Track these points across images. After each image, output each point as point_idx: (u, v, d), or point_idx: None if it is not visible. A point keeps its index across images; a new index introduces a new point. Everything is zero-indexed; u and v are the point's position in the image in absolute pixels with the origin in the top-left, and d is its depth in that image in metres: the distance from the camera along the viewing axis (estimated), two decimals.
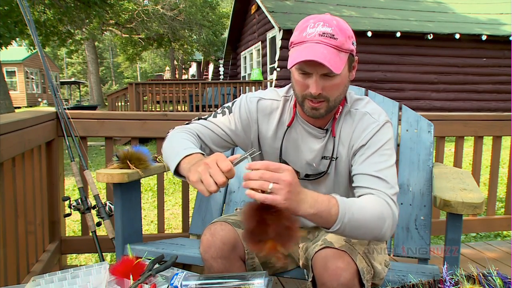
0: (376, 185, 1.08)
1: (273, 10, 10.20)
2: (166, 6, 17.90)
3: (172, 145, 1.13)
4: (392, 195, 1.07)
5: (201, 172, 0.92)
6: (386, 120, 1.17)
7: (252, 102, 1.25)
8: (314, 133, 1.21)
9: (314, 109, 1.11)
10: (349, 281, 1.03)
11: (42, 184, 1.99)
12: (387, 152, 1.13)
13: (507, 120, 2.48)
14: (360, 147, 1.15)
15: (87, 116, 2.19)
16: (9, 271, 1.54)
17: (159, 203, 2.36)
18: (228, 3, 26.26)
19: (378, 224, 1.02)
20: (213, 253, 1.16)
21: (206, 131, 1.23)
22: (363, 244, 1.14)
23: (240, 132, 1.25)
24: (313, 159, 1.22)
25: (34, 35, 2.09)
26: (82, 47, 22.91)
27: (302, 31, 1.08)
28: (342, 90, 1.12)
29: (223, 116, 1.25)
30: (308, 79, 1.08)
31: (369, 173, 1.10)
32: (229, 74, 15.95)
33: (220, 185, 0.90)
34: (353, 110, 1.20)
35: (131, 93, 9.71)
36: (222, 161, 0.91)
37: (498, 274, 0.87)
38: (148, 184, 5.07)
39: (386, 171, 1.10)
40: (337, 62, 1.04)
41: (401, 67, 10.20)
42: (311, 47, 1.04)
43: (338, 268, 1.03)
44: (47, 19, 12.73)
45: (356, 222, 0.98)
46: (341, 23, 1.08)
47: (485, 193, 2.44)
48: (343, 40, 1.06)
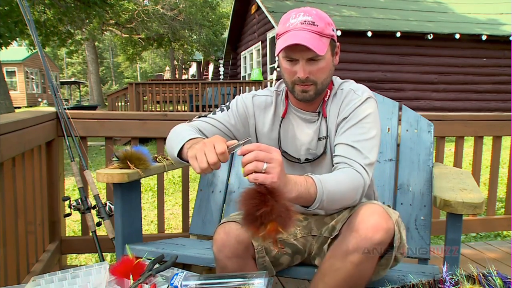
0: (351, 154, 1.16)
1: (273, 10, 10.20)
2: (166, 6, 17.89)
3: (175, 134, 1.21)
4: (365, 165, 1.15)
5: (197, 149, 0.97)
6: (368, 95, 1.25)
7: (247, 99, 1.35)
8: (308, 117, 1.29)
9: (304, 92, 1.20)
10: (380, 242, 1.05)
11: (42, 184, 1.99)
12: (366, 125, 1.21)
13: (507, 120, 2.48)
14: (343, 120, 1.24)
15: (87, 116, 2.19)
16: (9, 271, 1.54)
17: (159, 203, 2.36)
18: (228, 3, 26.25)
19: (351, 195, 1.12)
20: (228, 252, 1.17)
21: (207, 126, 1.30)
22: (395, 213, 1.15)
23: (240, 127, 1.33)
24: (310, 142, 1.28)
25: (34, 35, 2.09)
26: (82, 47, 22.88)
27: (285, 23, 1.17)
28: (328, 73, 1.21)
29: (222, 113, 1.33)
30: (295, 66, 1.17)
31: (347, 142, 1.19)
32: (229, 74, 15.95)
33: (211, 164, 0.94)
34: (339, 90, 1.29)
35: (131, 93, 9.71)
36: (218, 143, 0.96)
37: (498, 274, 0.87)
38: (148, 184, 5.07)
39: (363, 143, 1.18)
40: (320, 45, 1.13)
41: (401, 67, 10.20)
42: (294, 34, 1.13)
43: (380, 225, 1.05)
44: (47, 19, 12.73)
45: (332, 197, 1.07)
46: (320, 12, 1.18)
47: (485, 193, 2.44)
48: (323, 26, 1.15)
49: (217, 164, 0.95)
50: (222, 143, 0.96)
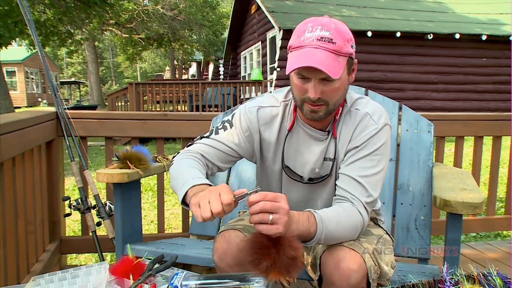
0: (355, 190, 1.12)
1: (273, 10, 10.20)
2: (166, 6, 17.91)
3: (179, 174, 1.12)
4: (367, 203, 1.12)
5: (201, 196, 0.94)
6: (385, 123, 1.17)
7: (252, 113, 1.24)
8: (316, 135, 1.21)
9: (313, 112, 1.11)
10: (359, 282, 1.03)
11: (42, 184, 1.99)
12: (376, 157, 1.14)
13: (507, 120, 2.48)
14: (354, 148, 1.16)
15: (87, 116, 2.19)
16: (9, 271, 1.54)
17: (159, 203, 2.36)
18: (228, 3, 26.25)
19: (350, 234, 1.10)
20: (230, 260, 1.14)
21: (211, 150, 1.22)
22: (371, 243, 1.14)
23: (244, 144, 1.24)
24: (315, 162, 1.22)
25: (34, 35, 2.09)
26: (82, 47, 22.90)
27: (300, 35, 1.07)
28: (341, 93, 1.12)
29: (225, 132, 1.24)
30: (307, 84, 1.08)
31: (353, 176, 1.13)
32: (229, 74, 15.95)
33: (215, 214, 0.91)
34: (354, 110, 1.19)
35: (131, 93, 9.71)
36: (225, 193, 0.93)
37: (498, 274, 0.87)
38: (148, 184, 5.07)
39: (370, 178, 1.13)
40: (335, 67, 1.03)
41: (401, 67, 10.20)
42: (309, 52, 1.03)
43: (350, 269, 1.03)
44: (47, 19, 12.73)
45: (331, 236, 1.06)
46: (339, 25, 1.08)
47: (485, 193, 2.44)
48: (342, 43, 1.05)
49: (221, 213, 0.92)
50: (229, 194, 0.92)
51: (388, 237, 1.27)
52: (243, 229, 1.20)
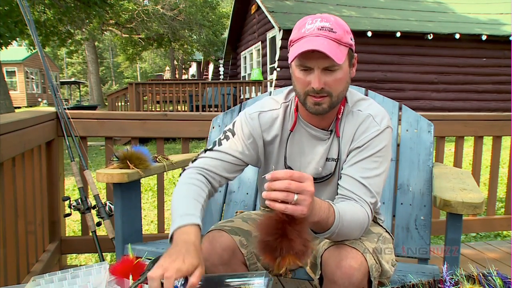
0: (359, 191, 1.12)
1: (273, 10, 10.20)
2: (166, 6, 17.91)
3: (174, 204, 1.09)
4: (371, 204, 1.12)
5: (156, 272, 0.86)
6: (387, 125, 1.17)
7: (253, 119, 1.23)
8: (318, 135, 1.21)
9: (317, 104, 1.10)
10: (360, 281, 1.03)
11: (42, 184, 1.99)
12: (379, 159, 1.14)
13: (507, 120, 2.48)
14: (356, 148, 1.16)
15: (87, 116, 2.19)
16: (9, 271, 1.54)
17: (159, 203, 2.36)
18: (228, 3, 26.26)
19: (357, 233, 1.09)
20: (214, 260, 1.14)
21: (216, 163, 1.20)
22: (372, 241, 1.14)
23: (248, 151, 1.23)
24: (318, 161, 1.21)
25: (34, 35, 2.09)
26: (82, 47, 22.91)
27: (300, 28, 1.08)
28: (344, 85, 1.12)
29: (228, 141, 1.22)
30: (309, 75, 1.07)
31: (356, 177, 1.13)
32: (229, 74, 15.95)
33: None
34: (356, 111, 1.19)
35: (131, 93, 9.71)
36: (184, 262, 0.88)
37: (498, 274, 0.87)
38: (148, 184, 5.07)
39: (373, 179, 1.13)
40: (338, 53, 1.04)
41: (401, 67, 10.20)
42: (310, 39, 1.04)
43: (351, 268, 1.03)
44: (47, 19, 12.73)
45: (343, 231, 1.04)
46: (338, 19, 1.10)
47: (485, 193, 2.44)
48: (342, 34, 1.06)
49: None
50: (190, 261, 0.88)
51: (387, 235, 1.28)
52: (230, 230, 1.19)
